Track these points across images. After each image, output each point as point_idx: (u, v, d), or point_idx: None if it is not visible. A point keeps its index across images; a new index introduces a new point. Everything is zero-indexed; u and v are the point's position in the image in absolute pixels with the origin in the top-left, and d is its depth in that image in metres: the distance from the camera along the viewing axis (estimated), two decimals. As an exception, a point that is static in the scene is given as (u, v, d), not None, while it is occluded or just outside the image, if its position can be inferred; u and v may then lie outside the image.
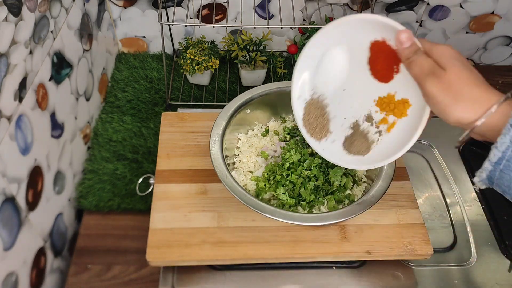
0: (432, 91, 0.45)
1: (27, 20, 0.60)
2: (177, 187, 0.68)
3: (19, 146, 0.59)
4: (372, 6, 0.85)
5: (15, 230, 0.58)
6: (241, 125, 0.73)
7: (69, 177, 0.77)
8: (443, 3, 0.97)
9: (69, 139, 0.77)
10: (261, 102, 0.72)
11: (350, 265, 0.69)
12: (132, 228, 0.76)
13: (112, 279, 0.70)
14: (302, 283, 0.67)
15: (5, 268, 0.56)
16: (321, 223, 0.59)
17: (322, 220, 0.59)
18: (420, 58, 0.47)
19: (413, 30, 1.03)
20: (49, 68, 0.68)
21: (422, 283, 0.68)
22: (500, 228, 0.75)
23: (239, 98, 0.71)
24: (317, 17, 0.99)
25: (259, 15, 1.00)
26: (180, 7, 0.98)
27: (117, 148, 0.85)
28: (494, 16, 1.00)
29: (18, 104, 0.59)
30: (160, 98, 0.96)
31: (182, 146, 0.73)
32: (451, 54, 0.47)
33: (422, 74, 0.46)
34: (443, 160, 0.84)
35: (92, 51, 0.87)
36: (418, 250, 0.63)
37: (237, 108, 0.70)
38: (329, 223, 0.59)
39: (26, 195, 0.61)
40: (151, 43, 1.05)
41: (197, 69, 0.92)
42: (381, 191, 0.61)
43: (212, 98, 0.97)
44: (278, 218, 0.58)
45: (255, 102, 0.72)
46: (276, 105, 0.74)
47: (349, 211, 0.59)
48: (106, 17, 0.96)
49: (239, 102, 0.70)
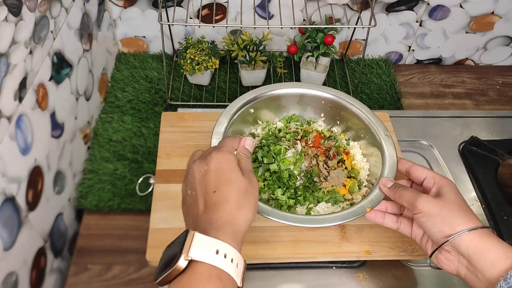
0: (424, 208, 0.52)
1: (27, 20, 0.60)
2: (177, 187, 0.67)
3: (19, 146, 0.59)
4: (372, 6, 0.85)
5: (15, 230, 0.58)
6: (244, 124, 0.72)
7: (69, 177, 0.77)
8: (443, 3, 0.97)
9: (69, 139, 0.77)
10: (265, 102, 0.72)
11: (350, 265, 0.69)
12: (132, 228, 0.76)
13: (112, 279, 0.70)
14: (302, 283, 0.67)
15: (5, 268, 0.56)
16: (319, 225, 0.58)
17: (321, 222, 0.58)
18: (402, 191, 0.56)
19: (413, 30, 1.03)
20: (49, 68, 0.68)
21: (422, 283, 0.68)
22: (500, 228, 0.75)
23: (243, 97, 0.70)
24: (317, 17, 0.99)
25: (259, 15, 1.00)
26: (180, 7, 0.98)
27: (117, 148, 0.85)
28: (494, 16, 1.00)
29: (18, 104, 0.59)
30: (160, 98, 0.96)
31: (182, 146, 0.73)
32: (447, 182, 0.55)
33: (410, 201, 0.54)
34: (443, 160, 0.84)
35: (92, 51, 0.87)
36: (418, 250, 0.63)
37: (240, 107, 0.69)
38: (328, 225, 0.58)
39: (26, 195, 0.61)
40: (151, 43, 1.05)
41: (197, 69, 0.92)
42: (381, 196, 0.60)
43: (212, 98, 0.97)
44: (274, 219, 0.57)
45: (259, 101, 0.71)
46: (281, 105, 0.74)
47: (348, 215, 0.58)
48: (106, 17, 0.96)
49: (243, 101, 0.70)
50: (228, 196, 0.47)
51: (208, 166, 0.49)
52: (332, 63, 1.05)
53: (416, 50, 1.09)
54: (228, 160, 0.50)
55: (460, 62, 1.12)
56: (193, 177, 0.50)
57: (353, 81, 1.03)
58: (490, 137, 0.90)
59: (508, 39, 1.06)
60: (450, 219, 0.50)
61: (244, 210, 0.47)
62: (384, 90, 1.01)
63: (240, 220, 0.46)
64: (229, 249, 0.42)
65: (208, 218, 0.46)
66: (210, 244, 0.42)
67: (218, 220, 0.45)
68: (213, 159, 0.49)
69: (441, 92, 1.05)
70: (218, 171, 0.49)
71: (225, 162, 0.50)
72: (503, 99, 1.04)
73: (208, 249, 0.42)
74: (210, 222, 0.45)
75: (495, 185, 0.80)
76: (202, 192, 0.48)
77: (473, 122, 0.93)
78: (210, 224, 0.45)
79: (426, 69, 1.10)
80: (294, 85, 0.73)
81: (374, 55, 1.09)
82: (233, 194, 0.47)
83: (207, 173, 0.49)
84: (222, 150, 0.51)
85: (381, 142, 0.65)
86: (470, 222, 0.50)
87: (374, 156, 0.67)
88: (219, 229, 0.44)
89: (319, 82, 0.98)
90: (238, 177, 0.49)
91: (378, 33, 1.04)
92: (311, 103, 0.73)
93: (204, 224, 0.45)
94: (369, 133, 0.68)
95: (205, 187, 0.48)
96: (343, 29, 1.04)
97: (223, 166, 0.49)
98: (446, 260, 0.52)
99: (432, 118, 0.93)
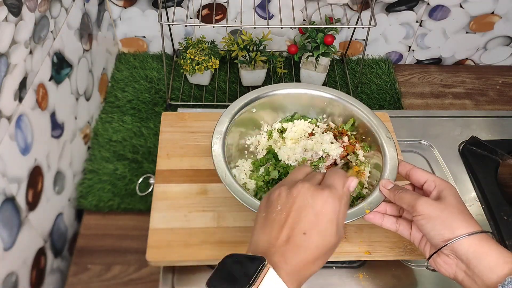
0: (424, 210, 0.52)
1: (27, 20, 0.60)
2: (177, 187, 0.68)
3: (19, 146, 0.59)
4: (372, 6, 0.85)
5: (15, 230, 0.58)
6: (245, 124, 0.72)
7: (69, 177, 0.77)
8: (443, 3, 0.97)
9: (69, 139, 0.77)
10: (267, 102, 0.71)
11: (350, 265, 0.69)
12: (132, 228, 0.76)
13: (112, 279, 0.70)
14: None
15: (5, 268, 0.56)
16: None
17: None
18: (402, 193, 0.56)
19: (413, 30, 1.03)
20: (49, 68, 0.68)
21: (422, 283, 0.68)
22: (500, 228, 0.75)
23: (244, 97, 0.69)
24: (317, 17, 0.99)
25: (259, 15, 1.00)
26: (180, 7, 0.98)
27: (117, 148, 0.85)
28: (494, 16, 1.00)
29: (18, 104, 0.59)
30: (160, 98, 0.96)
31: (182, 146, 0.73)
32: (447, 186, 0.55)
33: (410, 203, 0.54)
34: (443, 160, 0.84)
35: (92, 51, 0.87)
36: (417, 250, 0.62)
37: (242, 107, 0.69)
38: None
39: (26, 195, 0.61)
40: (151, 43, 1.05)
41: (197, 69, 0.92)
42: (381, 198, 0.60)
43: (212, 98, 0.97)
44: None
45: (261, 102, 0.70)
46: (283, 106, 0.73)
47: (348, 215, 0.58)
48: (106, 17, 0.96)
49: (244, 101, 0.69)
50: (314, 247, 0.44)
51: (313, 201, 0.46)
52: (332, 63, 1.05)
53: (416, 50, 1.09)
54: (334, 209, 0.46)
55: (460, 62, 1.12)
56: (292, 198, 0.46)
57: (353, 81, 1.03)
58: (490, 137, 0.90)
59: (508, 39, 1.06)
60: (450, 223, 0.50)
61: (317, 266, 0.45)
62: (384, 90, 1.01)
63: (308, 273, 0.44)
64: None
65: (284, 254, 0.43)
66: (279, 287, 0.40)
67: (293, 265, 0.43)
68: (322, 199, 0.46)
69: (441, 92, 1.05)
70: (320, 214, 0.45)
71: (331, 210, 0.46)
72: (503, 99, 1.04)
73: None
74: (284, 260, 0.43)
75: (495, 185, 0.80)
76: (292, 222, 0.45)
77: (473, 122, 0.93)
78: (284, 263, 0.43)
79: (426, 69, 1.10)
80: (297, 85, 0.73)
81: (374, 55, 1.09)
82: (319, 247, 0.45)
83: (308, 208, 0.45)
84: (334, 193, 0.47)
85: (382, 143, 0.65)
86: (470, 226, 0.50)
87: (375, 158, 0.67)
88: (289, 274, 0.42)
89: (319, 82, 0.98)
90: (332, 232, 0.45)
91: (378, 33, 1.04)
92: (313, 104, 0.73)
93: (277, 258, 0.43)
94: (371, 134, 0.68)
95: (298, 220, 0.45)
96: (343, 29, 1.04)
97: (327, 213, 0.45)
98: (444, 264, 0.52)
99: (432, 118, 0.93)
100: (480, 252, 0.48)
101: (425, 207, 0.52)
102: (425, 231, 0.52)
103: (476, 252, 0.48)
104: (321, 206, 0.45)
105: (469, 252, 0.48)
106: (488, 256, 0.48)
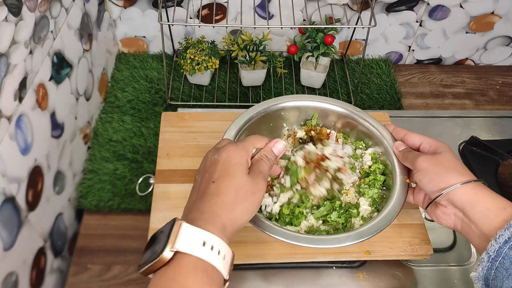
0: (422, 165, 0.55)
1: (27, 20, 0.60)
2: (177, 187, 0.68)
3: (19, 146, 0.59)
4: (372, 6, 0.85)
5: (15, 230, 0.58)
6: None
7: (69, 177, 0.77)
8: (443, 3, 0.97)
9: (69, 139, 0.77)
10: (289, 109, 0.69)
11: (350, 265, 0.69)
12: (132, 228, 0.76)
13: (112, 279, 0.70)
14: (302, 283, 0.67)
15: (5, 268, 0.56)
16: (337, 245, 0.56)
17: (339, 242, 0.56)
18: (407, 153, 0.60)
19: (413, 30, 1.03)
20: (49, 68, 0.68)
21: (422, 283, 0.68)
22: (500, 228, 0.75)
23: (261, 104, 0.67)
24: (317, 17, 0.99)
25: (259, 15, 1.00)
26: (180, 7, 0.98)
27: (117, 148, 0.85)
28: (494, 16, 1.00)
29: (18, 104, 0.59)
30: (160, 98, 0.96)
31: (182, 146, 0.73)
32: (441, 144, 0.58)
33: (411, 161, 0.57)
34: (443, 160, 0.84)
35: (92, 51, 0.87)
36: (418, 250, 0.63)
37: (252, 117, 0.66)
38: (345, 244, 0.56)
39: (26, 195, 0.61)
40: (151, 43, 1.05)
41: (197, 69, 0.92)
42: (393, 213, 0.58)
43: (212, 98, 0.97)
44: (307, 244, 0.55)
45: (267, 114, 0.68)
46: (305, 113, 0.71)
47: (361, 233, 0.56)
48: (106, 17, 0.96)
49: (258, 109, 0.66)
50: (225, 190, 0.46)
51: (218, 156, 0.49)
52: (332, 63, 1.05)
53: (416, 50, 1.09)
54: (239, 155, 0.49)
55: (460, 62, 1.12)
56: (203, 164, 0.51)
57: (353, 81, 1.03)
58: (490, 137, 0.90)
59: (508, 39, 1.06)
60: (445, 175, 0.53)
61: (238, 209, 0.46)
62: (384, 90, 1.01)
63: (232, 217, 0.45)
64: (216, 241, 0.42)
65: (199, 208, 0.45)
66: (197, 235, 0.41)
67: (209, 211, 0.45)
68: (225, 151, 0.49)
69: (441, 92, 1.05)
70: (225, 163, 0.48)
71: (235, 156, 0.49)
72: (503, 99, 1.04)
73: (195, 240, 0.41)
74: (200, 212, 0.45)
75: (495, 185, 0.80)
76: (205, 180, 0.48)
77: (473, 122, 0.93)
78: (200, 214, 0.45)
79: (426, 69, 1.10)
80: (305, 97, 0.71)
81: (374, 55, 1.09)
82: (230, 189, 0.46)
83: (214, 162, 0.49)
84: (238, 144, 0.51)
85: (392, 158, 0.63)
86: (463, 176, 0.52)
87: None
88: (208, 220, 0.44)
89: (319, 82, 0.98)
90: (242, 174, 0.48)
91: (378, 33, 1.04)
92: (324, 117, 0.70)
93: (194, 214, 0.45)
94: (383, 147, 0.66)
95: (208, 175, 0.48)
96: (343, 29, 1.04)
97: (231, 160, 0.49)
98: (443, 215, 0.54)
99: (432, 118, 0.93)
100: (474, 199, 0.51)
101: (422, 162, 0.55)
102: (423, 186, 0.55)
103: (470, 200, 0.51)
104: (225, 155, 0.49)
105: (464, 199, 0.51)
106: (482, 202, 0.50)
